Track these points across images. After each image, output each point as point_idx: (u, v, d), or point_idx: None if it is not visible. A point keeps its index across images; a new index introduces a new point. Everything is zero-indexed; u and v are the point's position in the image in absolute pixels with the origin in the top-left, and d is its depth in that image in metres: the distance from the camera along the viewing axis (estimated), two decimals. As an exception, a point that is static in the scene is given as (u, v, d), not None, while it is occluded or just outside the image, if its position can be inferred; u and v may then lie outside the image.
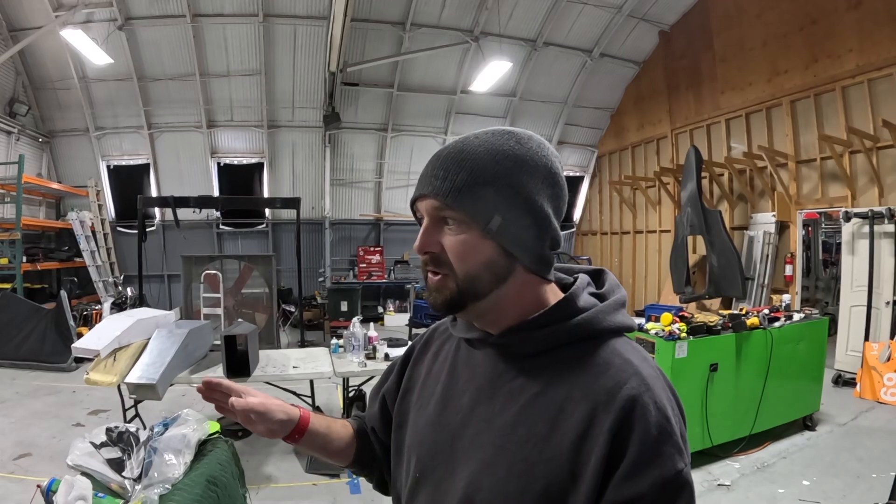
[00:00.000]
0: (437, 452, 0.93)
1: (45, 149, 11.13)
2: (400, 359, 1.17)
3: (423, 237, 0.88)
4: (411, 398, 1.06)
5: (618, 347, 0.86)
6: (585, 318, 0.87)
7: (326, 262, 11.95)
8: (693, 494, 0.79)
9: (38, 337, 7.58)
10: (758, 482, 4.15)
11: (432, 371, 1.04)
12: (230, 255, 9.80)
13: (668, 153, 11.14)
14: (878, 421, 5.48)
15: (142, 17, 9.57)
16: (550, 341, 0.87)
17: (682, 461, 0.78)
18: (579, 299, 0.89)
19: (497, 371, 0.90)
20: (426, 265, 0.90)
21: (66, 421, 5.47)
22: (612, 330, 0.88)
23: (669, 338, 4.04)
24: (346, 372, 4.40)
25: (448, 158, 0.87)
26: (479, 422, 0.88)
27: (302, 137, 11.87)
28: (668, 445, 0.77)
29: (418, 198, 0.90)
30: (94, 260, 10.45)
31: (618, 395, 0.78)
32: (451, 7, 10.10)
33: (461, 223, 0.86)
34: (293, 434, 1.04)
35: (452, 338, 1.04)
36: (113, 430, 2.69)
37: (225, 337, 4.14)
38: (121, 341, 4.20)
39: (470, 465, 0.87)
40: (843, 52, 7.57)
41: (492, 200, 0.85)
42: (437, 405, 0.97)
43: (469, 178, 0.85)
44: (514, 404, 0.86)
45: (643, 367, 0.83)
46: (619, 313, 0.90)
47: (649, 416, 0.77)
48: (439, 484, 0.91)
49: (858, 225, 6.97)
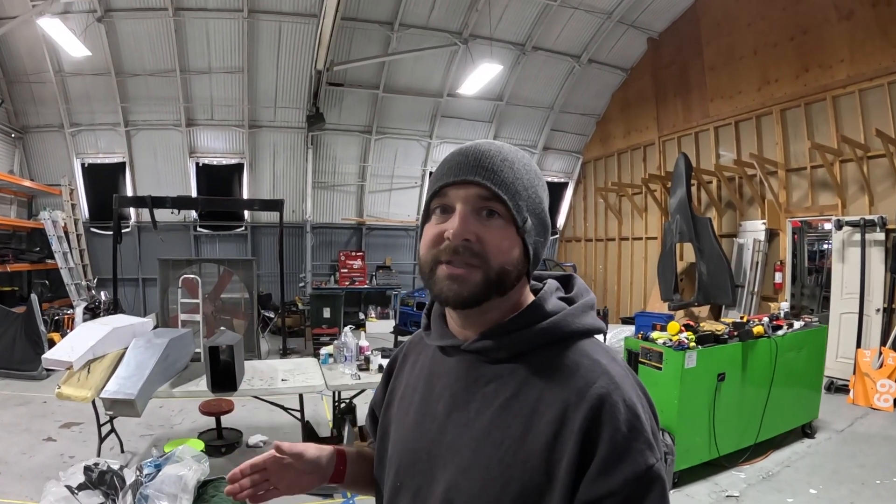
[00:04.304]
0: (416, 461, 0.94)
1: (17, 145, 10.67)
2: (384, 372, 1.18)
3: (463, 223, 0.86)
4: (392, 410, 1.07)
5: (587, 349, 0.88)
6: (554, 322, 0.89)
7: (307, 266, 11.70)
8: (665, 489, 0.80)
9: (7, 343, 7.19)
10: (765, 492, 4.14)
11: (410, 382, 1.05)
12: (209, 259, 9.46)
13: (656, 160, 11.13)
14: (873, 427, 5.58)
15: (122, 8, 9.22)
16: (521, 345, 0.89)
17: (654, 456, 0.79)
18: (547, 303, 0.91)
19: (471, 377, 0.92)
20: (453, 254, 0.86)
21: (37, 435, 5.15)
22: (581, 332, 0.90)
23: (679, 347, 3.93)
24: (338, 385, 4.18)
25: (492, 154, 0.89)
26: (455, 428, 0.90)
27: (284, 138, 11.60)
28: (639, 442, 0.78)
29: (455, 183, 0.89)
30: (66, 262, 10.00)
31: (587, 394, 0.80)
32: (441, 8, 9.95)
33: (503, 218, 0.88)
34: (337, 467, 1.06)
35: (427, 348, 1.05)
36: (92, 469, 2.33)
37: (209, 348, 3.88)
38: (95, 352, 3.89)
39: (448, 471, 0.88)
40: (834, 63, 7.60)
41: (526, 203, 0.89)
42: (415, 414, 0.98)
43: (513, 176, 0.88)
44: (488, 409, 0.87)
45: (612, 367, 0.85)
46: (588, 315, 0.92)
47: (618, 414, 0.79)
48: (418, 491, 0.92)
49: (849, 233, 7.01)
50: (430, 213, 0.93)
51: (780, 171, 8.40)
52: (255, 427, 5.27)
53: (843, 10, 7.50)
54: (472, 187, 0.87)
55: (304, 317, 10.46)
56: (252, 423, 5.37)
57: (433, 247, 0.89)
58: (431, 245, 0.89)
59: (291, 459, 0.99)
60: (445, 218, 0.89)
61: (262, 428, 5.26)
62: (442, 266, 0.87)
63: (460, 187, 0.88)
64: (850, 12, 7.42)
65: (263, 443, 4.98)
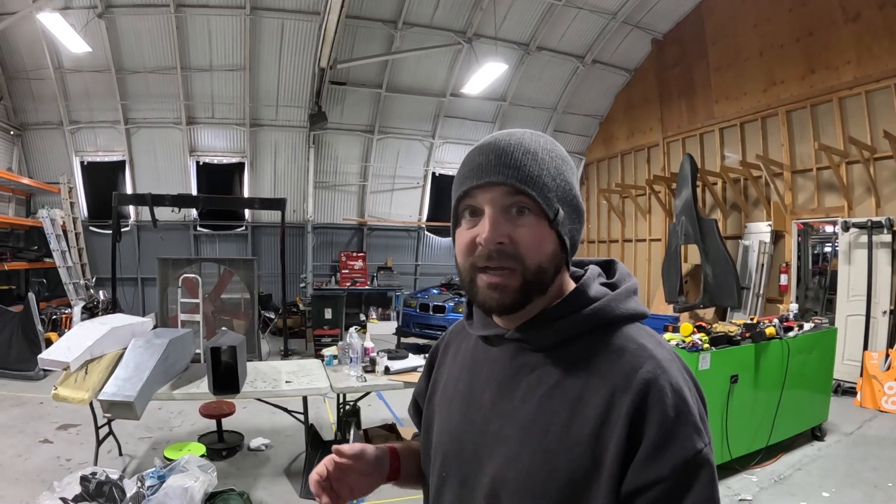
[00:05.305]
0: (462, 450, 0.93)
1: (16, 142, 10.60)
2: (426, 363, 1.17)
3: (494, 227, 0.84)
4: (435, 400, 1.06)
5: (632, 333, 0.86)
6: (598, 307, 0.87)
7: (308, 267, 11.63)
8: (714, 473, 0.78)
9: (3, 342, 7.11)
10: (778, 495, 4.10)
11: (453, 372, 1.04)
12: (210, 259, 9.38)
13: (659, 161, 11.07)
14: (882, 430, 5.56)
15: (123, 4, 9.15)
16: (565, 332, 0.87)
17: (702, 441, 0.77)
18: (590, 289, 0.90)
19: (515, 365, 0.90)
20: (488, 259, 0.84)
21: (33, 437, 5.05)
22: (626, 317, 0.88)
23: (692, 349, 3.87)
24: (344, 387, 4.09)
25: (512, 149, 0.86)
26: (500, 417, 0.88)
27: (285, 137, 11.53)
28: (687, 426, 0.77)
29: (478, 187, 0.86)
30: (64, 261, 9.91)
31: (634, 379, 0.79)
32: (445, 7, 9.89)
33: (534, 213, 0.85)
34: (392, 464, 1.05)
35: (469, 337, 1.04)
36: (89, 479, 2.16)
37: (211, 349, 3.79)
38: (93, 352, 3.77)
39: (494, 460, 0.87)
40: (840, 64, 7.56)
41: (555, 193, 0.86)
42: (460, 404, 0.97)
43: (538, 168, 0.85)
44: (533, 397, 0.86)
45: (658, 351, 0.83)
46: (632, 300, 0.91)
47: (666, 399, 0.77)
48: (465, 481, 0.91)
49: (856, 235, 6.97)
50: (459, 216, 0.91)
51: (786, 172, 8.35)
52: (257, 430, 5.19)
53: (850, 12, 7.45)
54: (496, 188, 0.85)
55: (305, 318, 10.37)
56: (253, 426, 5.29)
57: (469, 254, 0.87)
58: (467, 253, 0.87)
59: (353, 462, 0.98)
60: (476, 221, 0.87)
61: (264, 431, 5.17)
62: (481, 275, 0.86)
63: (485, 189, 0.86)
64: (856, 14, 7.38)
65: (265, 446, 4.89)
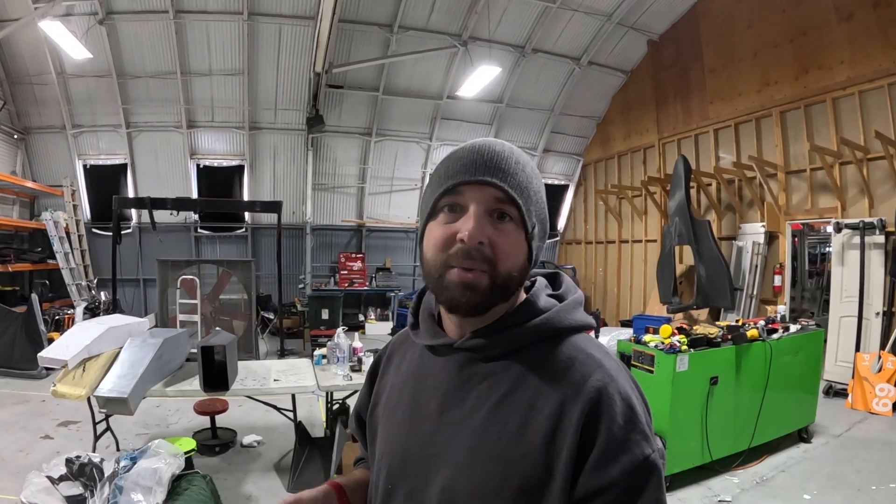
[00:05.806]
0: (408, 462, 0.92)
1: (20, 146, 10.73)
2: (368, 374, 1.15)
3: (478, 226, 0.84)
4: (378, 411, 1.04)
5: (580, 343, 0.88)
6: (547, 318, 0.89)
7: (307, 268, 11.72)
8: (661, 478, 0.81)
9: (7, 342, 7.25)
10: (759, 497, 4.11)
11: (396, 382, 1.03)
12: (208, 260, 9.48)
13: (655, 162, 11.10)
14: (872, 432, 5.53)
15: (123, 11, 9.27)
16: (515, 342, 0.88)
17: (650, 447, 0.80)
18: (539, 300, 0.92)
19: (464, 375, 0.90)
20: (466, 258, 0.84)
21: (35, 433, 5.19)
22: (574, 328, 0.90)
23: (670, 350, 3.91)
24: (330, 386, 4.19)
25: (506, 155, 0.87)
26: (449, 426, 0.88)
27: (284, 140, 11.62)
28: (635, 433, 0.79)
29: (468, 183, 0.86)
30: (67, 262, 10.05)
31: (584, 387, 0.81)
32: (440, 11, 9.95)
33: (514, 222, 0.87)
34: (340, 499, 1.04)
35: (414, 346, 1.03)
36: (73, 461, 2.38)
37: (202, 348, 3.90)
38: (90, 351, 3.94)
39: (444, 470, 0.86)
40: (834, 64, 7.57)
41: (535, 208, 0.89)
42: (405, 415, 0.96)
43: (526, 181, 0.88)
44: (483, 406, 0.86)
45: (606, 361, 0.86)
46: (578, 312, 0.93)
47: (615, 406, 0.80)
48: (412, 493, 0.90)
49: (849, 236, 6.96)
50: (436, 210, 0.89)
51: (780, 173, 8.36)
52: (250, 427, 5.29)
53: (844, 12, 7.47)
54: (488, 188, 0.85)
55: (303, 318, 10.47)
56: (247, 424, 5.38)
57: (443, 250, 0.86)
58: (441, 247, 0.86)
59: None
60: (455, 217, 0.86)
61: (257, 428, 5.26)
62: (454, 270, 0.84)
63: (475, 187, 0.85)
64: (850, 14, 7.39)
65: (258, 443, 4.99)
